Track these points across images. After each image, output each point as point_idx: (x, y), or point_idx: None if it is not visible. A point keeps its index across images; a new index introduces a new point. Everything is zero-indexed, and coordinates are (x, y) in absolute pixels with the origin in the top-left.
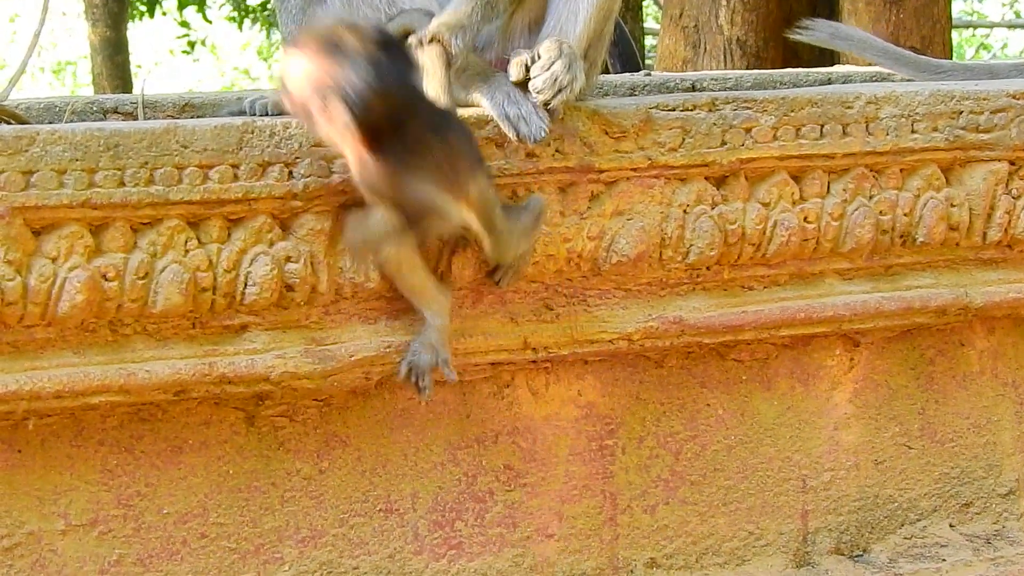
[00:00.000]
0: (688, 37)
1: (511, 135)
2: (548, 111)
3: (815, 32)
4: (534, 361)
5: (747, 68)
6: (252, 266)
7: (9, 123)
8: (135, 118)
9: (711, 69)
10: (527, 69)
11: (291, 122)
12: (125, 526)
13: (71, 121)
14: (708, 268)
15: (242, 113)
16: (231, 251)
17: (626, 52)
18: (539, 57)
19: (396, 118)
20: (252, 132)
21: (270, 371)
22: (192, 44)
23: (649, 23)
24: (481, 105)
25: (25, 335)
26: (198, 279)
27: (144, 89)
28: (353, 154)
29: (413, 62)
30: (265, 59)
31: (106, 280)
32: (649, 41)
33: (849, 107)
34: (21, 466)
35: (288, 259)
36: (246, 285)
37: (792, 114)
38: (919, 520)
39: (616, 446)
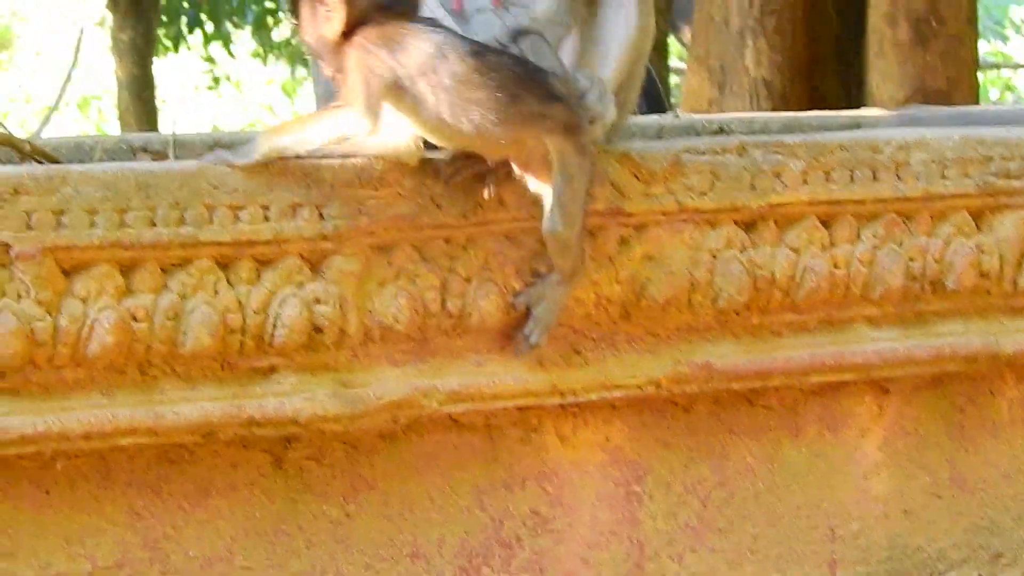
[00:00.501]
0: (714, 77)
1: None
2: None
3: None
4: (562, 406)
5: (773, 109)
6: (281, 308)
7: (40, 162)
8: (165, 157)
9: (737, 109)
10: None
11: (321, 164)
12: (151, 568)
13: (101, 160)
14: (737, 313)
15: None
16: (261, 292)
17: (652, 91)
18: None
19: None
20: (282, 173)
21: (298, 413)
22: (217, 80)
23: (673, 61)
24: None
25: (54, 376)
26: (227, 320)
27: (175, 128)
28: None
29: None
30: (289, 95)
31: (136, 321)
32: (673, 79)
33: (879, 152)
34: (48, 507)
35: (317, 301)
36: (275, 327)
37: (822, 159)
38: (948, 571)
39: (643, 492)
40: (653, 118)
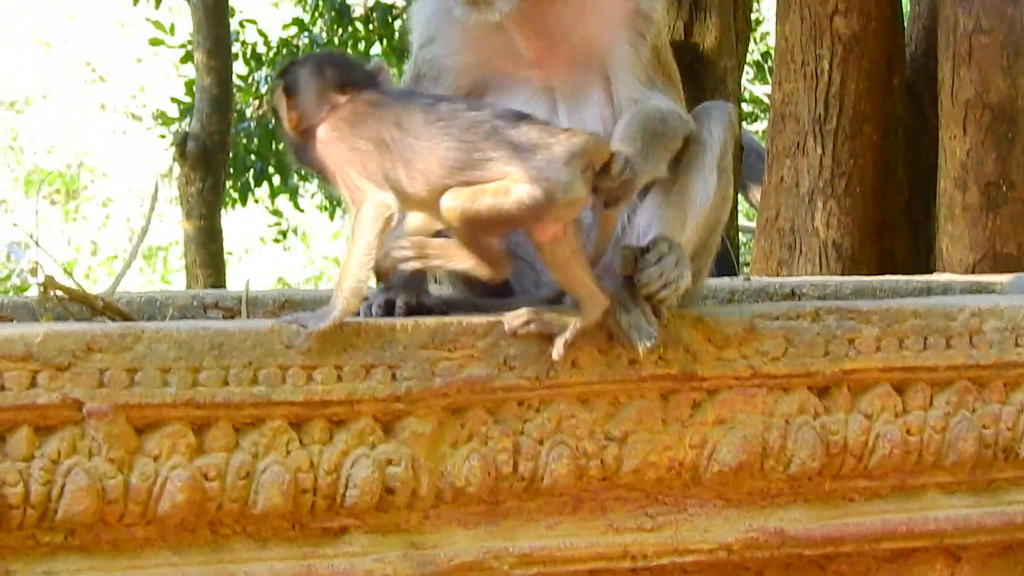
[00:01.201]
0: (783, 239)
1: (624, 340)
2: (655, 312)
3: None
4: (633, 570)
5: (843, 271)
6: (353, 468)
7: (113, 319)
8: (237, 314)
9: (807, 271)
10: (634, 263)
11: (395, 324)
12: None
13: (174, 317)
14: (809, 479)
15: None
16: (333, 453)
17: (722, 252)
18: (648, 251)
19: None
20: (357, 334)
21: (369, 575)
22: (283, 233)
23: (741, 220)
24: None
25: (125, 533)
26: (299, 480)
27: (247, 285)
28: None
29: None
30: None
31: (207, 480)
32: (742, 237)
33: (953, 319)
34: None
35: (389, 462)
36: (347, 487)
37: (896, 325)
38: None
39: None
40: (724, 281)
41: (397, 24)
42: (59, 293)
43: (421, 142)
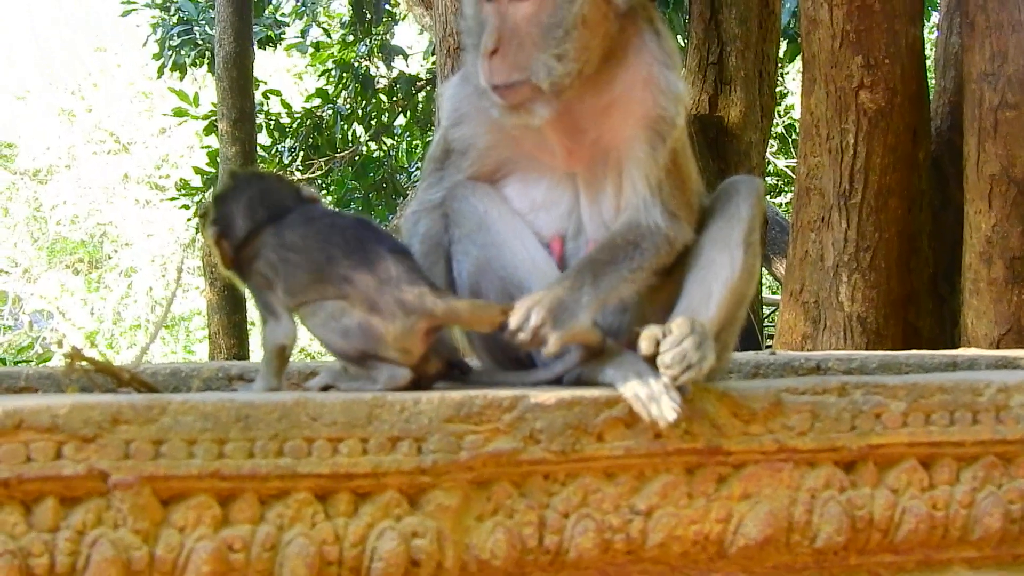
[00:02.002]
0: (808, 313)
1: (643, 415)
2: (678, 390)
3: None
4: None
5: (867, 345)
6: (379, 541)
7: (139, 390)
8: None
9: (831, 345)
10: (657, 344)
11: (420, 396)
12: None
13: (199, 389)
14: (835, 553)
15: None
16: (358, 525)
17: (746, 326)
18: (670, 332)
19: None
20: (382, 406)
21: None
22: None
23: (765, 293)
24: (611, 384)
25: None
26: (324, 552)
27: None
28: None
29: None
30: None
31: (232, 551)
32: (765, 310)
33: (979, 395)
34: None
35: (415, 534)
36: (372, 560)
37: (922, 400)
38: None
39: None
40: (750, 355)
41: (421, 96)
42: (85, 364)
43: (295, 255)
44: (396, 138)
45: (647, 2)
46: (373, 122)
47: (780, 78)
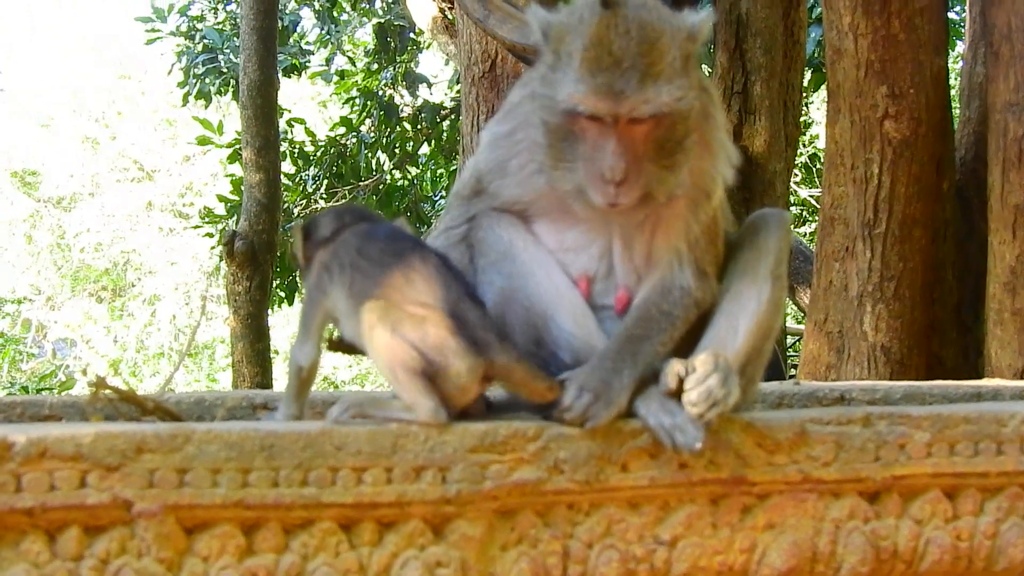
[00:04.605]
0: (832, 343)
1: (667, 444)
2: (702, 421)
3: None
4: None
5: (891, 375)
6: (403, 570)
7: (163, 419)
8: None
9: (855, 375)
10: (681, 381)
11: (446, 427)
12: None
13: (223, 418)
14: None
15: None
16: (382, 555)
17: (771, 356)
18: (694, 369)
19: None
20: (406, 436)
21: None
22: (330, 332)
23: (789, 323)
24: (635, 414)
25: None
26: None
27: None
28: None
29: None
30: None
31: None
32: (789, 340)
33: (1004, 425)
34: None
35: (439, 564)
36: None
37: (946, 431)
38: None
39: None
40: (774, 385)
41: (445, 124)
42: (109, 393)
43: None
44: (420, 167)
45: None
46: (397, 150)
47: (805, 108)
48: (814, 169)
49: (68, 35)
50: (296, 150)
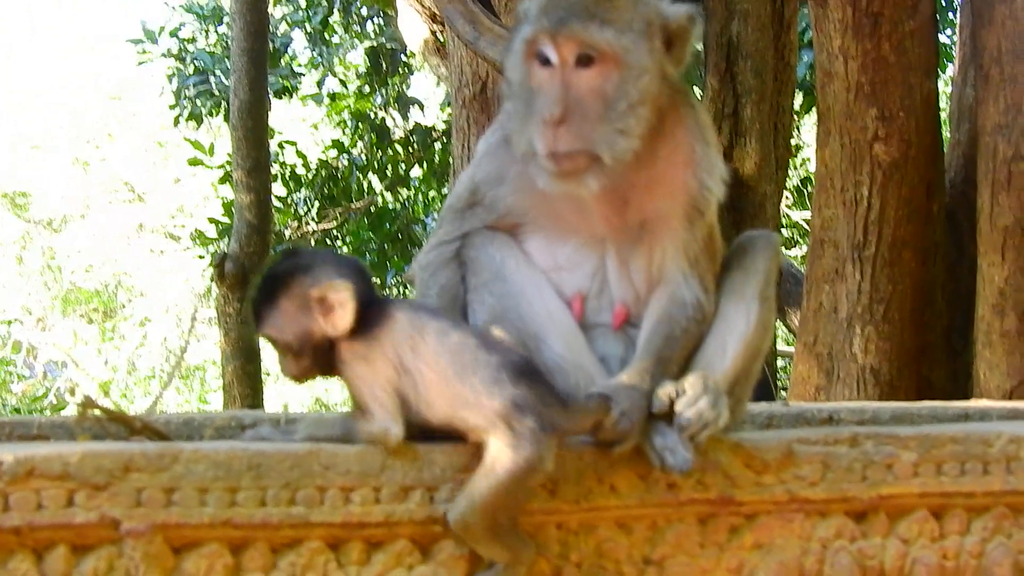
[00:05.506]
0: (822, 364)
1: (656, 464)
2: (692, 443)
3: None
4: None
5: (880, 397)
6: None
7: (151, 439)
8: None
9: (845, 396)
10: (671, 402)
11: (434, 447)
12: None
13: (212, 438)
14: None
15: None
16: (370, 574)
17: (760, 377)
18: (684, 392)
19: None
20: (395, 455)
21: None
22: None
23: (779, 345)
24: None
25: None
26: None
27: (284, 406)
28: None
29: None
30: None
31: None
32: (779, 362)
33: (990, 446)
34: None
35: None
36: None
37: (933, 451)
38: None
39: None
40: (763, 406)
41: (437, 147)
42: (97, 413)
43: (434, 369)
44: (412, 189)
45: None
46: (389, 173)
47: (796, 130)
48: (805, 192)
49: (58, 56)
50: (287, 172)
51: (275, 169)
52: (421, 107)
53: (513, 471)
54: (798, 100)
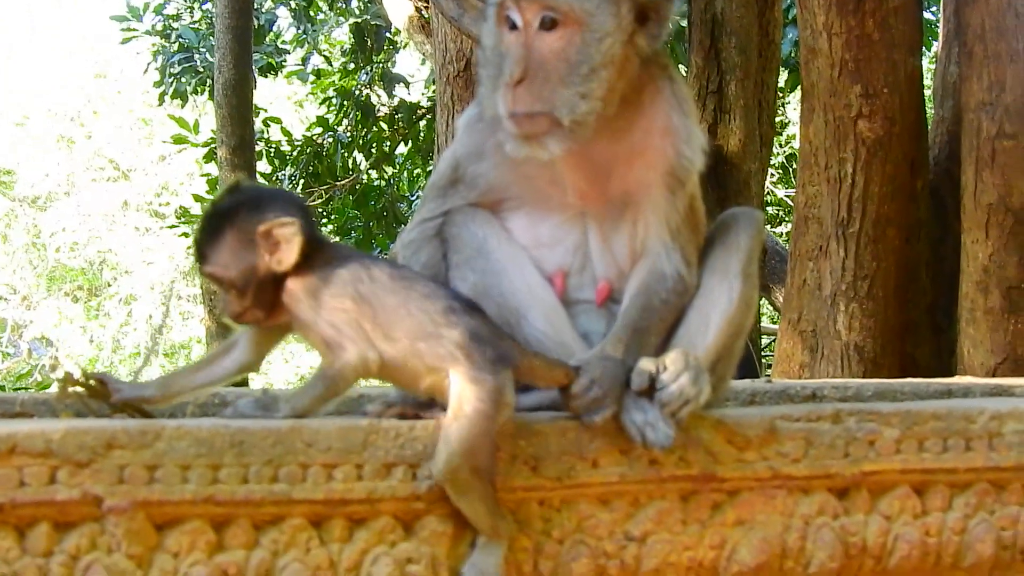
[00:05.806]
0: (806, 341)
1: (637, 440)
2: (673, 420)
3: None
4: None
5: (864, 374)
6: (373, 567)
7: (133, 416)
8: None
9: (829, 374)
10: (652, 379)
11: (416, 424)
12: None
13: (194, 415)
14: None
15: None
16: (353, 551)
17: (744, 354)
18: (665, 368)
19: None
20: (377, 433)
21: None
22: None
23: (763, 322)
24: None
25: None
26: None
27: (268, 385)
28: None
29: None
30: None
31: None
32: (764, 340)
33: (973, 422)
34: None
35: (409, 560)
36: None
37: (915, 428)
38: None
39: None
40: (746, 383)
41: (422, 124)
42: (78, 389)
43: (390, 297)
44: (397, 167)
45: (662, 49)
46: (374, 150)
47: (780, 107)
48: (790, 169)
49: (43, 32)
50: (272, 149)
51: (260, 146)
52: (406, 84)
53: (479, 406)
54: (783, 77)
